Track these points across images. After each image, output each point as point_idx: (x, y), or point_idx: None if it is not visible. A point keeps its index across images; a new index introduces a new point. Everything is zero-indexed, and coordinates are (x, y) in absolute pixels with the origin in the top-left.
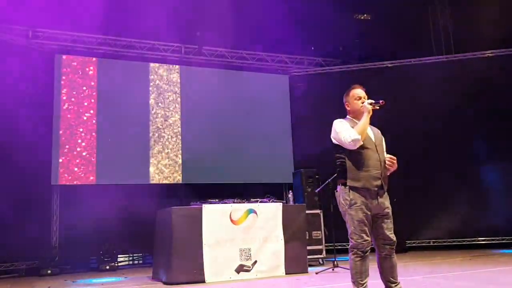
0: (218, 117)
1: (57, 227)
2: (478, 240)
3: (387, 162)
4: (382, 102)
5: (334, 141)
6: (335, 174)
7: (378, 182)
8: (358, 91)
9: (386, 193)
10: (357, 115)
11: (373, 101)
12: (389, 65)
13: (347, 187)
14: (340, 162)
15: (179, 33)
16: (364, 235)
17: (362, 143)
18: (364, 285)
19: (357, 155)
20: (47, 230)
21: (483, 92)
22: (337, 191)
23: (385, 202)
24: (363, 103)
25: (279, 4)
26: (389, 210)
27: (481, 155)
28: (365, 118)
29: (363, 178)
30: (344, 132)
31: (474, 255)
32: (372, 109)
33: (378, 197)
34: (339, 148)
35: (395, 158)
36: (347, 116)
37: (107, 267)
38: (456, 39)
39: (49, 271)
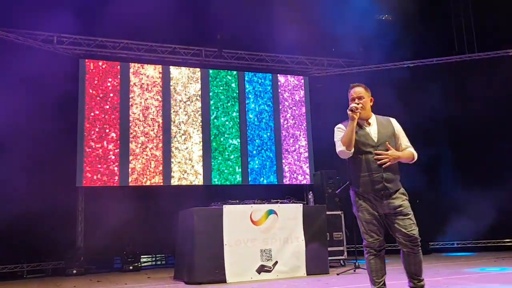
0: (240, 117)
1: (82, 228)
2: (504, 242)
3: (379, 161)
4: (355, 108)
5: None
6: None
7: (380, 186)
8: (352, 91)
9: (398, 192)
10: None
11: (353, 105)
12: (410, 65)
13: (353, 191)
14: (348, 166)
15: (200, 37)
16: (373, 234)
17: (351, 151)
18: (381, 283)
19: (356, 161)
20: (73, 231)
21: (507, 94)
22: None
23: (395, 201)
24: (357, 104)
25: (299, 5)
26: (403, 208)
27: (507, 157)
28: (349, 127)
29: (363, 183)
30: (337, 142)
31: (499, 256)
32: (353, 116)
33: (384, 198)
34: None
35: (381, 152)
36: None
37: (131, 268)
38: (479, 37)
39: (74, 271)
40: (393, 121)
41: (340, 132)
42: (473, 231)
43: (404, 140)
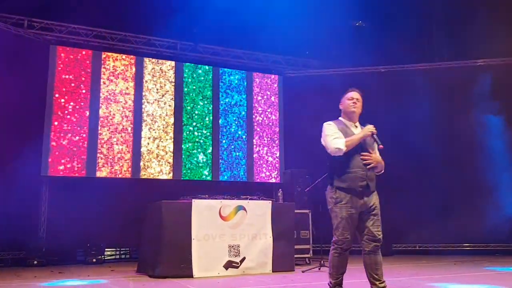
0: (213, 113)
1: (45, 218)
2: (464, 246)
3: (364, 162)
4: (381, 146)
5: (322, 142)
6: (325, 175)
7: (363, 183)
8: (353, 93)
9: (374, 192)
10: (347, 115)
11: (376, 136)
12: (382, 70)
13: (334, 186)
14: (329, 163)
15: (175, 29)
16: (345, 232)
17: (342, 153)
18: (338, 278)
19: (345, 158)
20: (35, 221)
21: (476, 99)
22: (326, 191)
23: (372, 200)
24: (354, 103)
25: (277, 5)
26: (377, 208)
27: (471, 162)
28: (359, 136)
29: (348, 179)
30: (331, 138)
31: (459, 260)
32: (368, 135)
33: (364, 196)
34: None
35: (368, 154)
36: (339, 117)
37: (94, 260)
38: (449, 46)
39: (35, 262)
40: None
41: (334, 128)
42: (435, 235)
43: (378, 152)
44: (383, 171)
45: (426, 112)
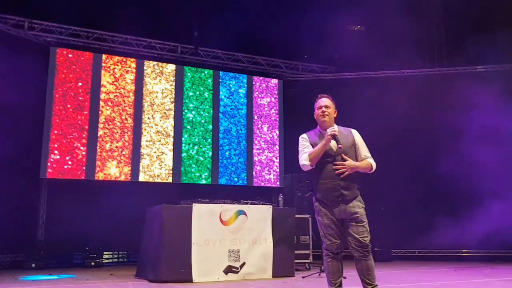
0: (213, 117)
1: (44, 220)
2: (463, 252)
3: (337, 171)
4: (340, 146)
5: None
6: None
7: (337, 193)
8: (320, 101)
9: (355, 199)
10: (320, 124)
11: (336, 137)
12: (382, 75)
13: (314, 197)
14: (308, 175)
15: (176, 33)
16: (331, 237)
17: (313, 166)
18: (337, 284)
19: (317, 169)
20: (34, 224)
21: (473, 106)
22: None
23: (351, 208)
24: (323, 112)
25: (277, 10)
26: (358, 215)
27: (470, 168)
28: (321, 146)
29: (322, 190)
30: (300, 153)
31: (458, 266)
32: (330, 140)
33: (341, 204)
34: None
35: (340, 162)
36: (317, 127)
37: (92, 263)
38: (449, 52)
39: (33, 265)
40: (354, 131)
41: (305, 142)
42: (434, 241)
43: (363, 151)
44: (374, 170)
45: (424, 118)
